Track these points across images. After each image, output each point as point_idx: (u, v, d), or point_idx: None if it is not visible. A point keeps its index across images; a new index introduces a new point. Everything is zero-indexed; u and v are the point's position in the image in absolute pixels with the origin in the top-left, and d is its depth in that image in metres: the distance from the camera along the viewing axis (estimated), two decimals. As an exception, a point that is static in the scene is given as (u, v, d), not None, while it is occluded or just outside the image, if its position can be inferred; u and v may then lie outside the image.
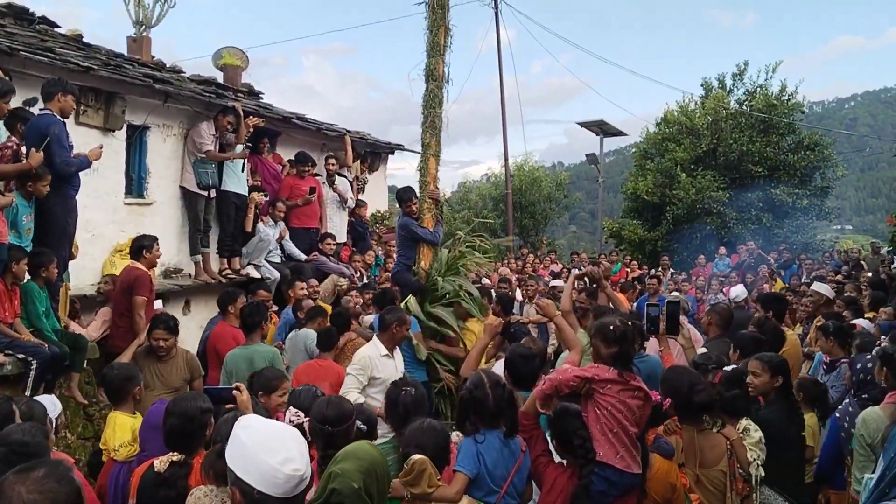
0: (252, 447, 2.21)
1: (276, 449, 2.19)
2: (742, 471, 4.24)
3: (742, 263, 18.05)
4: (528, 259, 18.25)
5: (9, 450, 3.01)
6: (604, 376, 3.86)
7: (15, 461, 2.96)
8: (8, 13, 9.43)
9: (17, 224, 6.66)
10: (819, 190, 27.27)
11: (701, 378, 4.46)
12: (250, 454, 2.20)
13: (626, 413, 3.84)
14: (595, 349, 4.09)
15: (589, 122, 28.34)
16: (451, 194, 31.53)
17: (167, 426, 4.05)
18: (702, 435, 4.27)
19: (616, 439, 3.80)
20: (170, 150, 10.23)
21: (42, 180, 6.70)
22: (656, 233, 26.70)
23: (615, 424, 3.81)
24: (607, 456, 3.76)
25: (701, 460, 4.21)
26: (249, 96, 13.07)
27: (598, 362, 4.02)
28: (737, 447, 4.25)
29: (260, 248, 10.85)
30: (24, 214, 6.71)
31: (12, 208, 6.58)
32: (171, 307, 9.58)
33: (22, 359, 6.21)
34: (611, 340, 3.97)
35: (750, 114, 27.07)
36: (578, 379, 3.86)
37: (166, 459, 3.93)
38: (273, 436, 2.25)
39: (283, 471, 2.16)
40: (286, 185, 11.64)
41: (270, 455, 2.18)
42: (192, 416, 4.00)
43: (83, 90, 8.37)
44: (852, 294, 9.94)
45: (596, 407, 3.85)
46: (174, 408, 4.08)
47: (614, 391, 3.86)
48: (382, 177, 16.81)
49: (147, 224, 9.61)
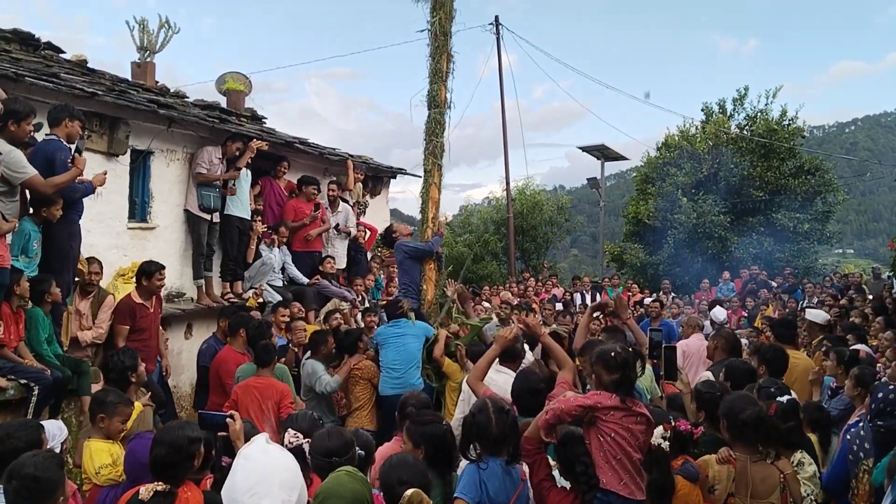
0: (240, 486, 2.23)
1: (260, 495, 2.23)
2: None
3: (749, 289, 18.03)
4: (529, 283, 18.26)
5: (20, 484, 2.97)
6: (606, 404, 3.86)
7: (27, 496, 2.95)
8: (13, 39, 9.50)
9: (28, 249, 6.70)
10: (820, 214, 27.28)
11: (753, 401, 4.43)
12: (236, 493, 2.22)
13: (629, 439, 3.83)
14: (597, 376, 4.08)
15: (590, 146, 28.43)
16: (454, 217, 31.55)
17: (153, 455, 3.91)
18: (755, 465, 4.22)
19: (619, 466, 3.79)
20: (173, 175, 10.26)
21: (55, 205, 6.75)
22: (658, 257, 26.68)
23: (618, 451, 3.81)
24: (610, 483, 3.76)
25: (752, 491, 4.16)
26: (252, 121, 13.13)
27: (600, 389, 4.02)
28: (790, 481, 4.20)
29: (262, 271, 10.85)
30: (34, 240, 6.76)
31: (24, 234, 6.62)
32: (174, 331, 9.59)
33: (24, 384, 6.22)
34: (612, 367, 3.97)
35: (751, 138, 27.13)
36: (581, 408, 3.86)
37: (151, 488, 3.85)
38: (264, 479, 2.27)
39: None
40: (290, 207, 11.66)
41: (252, 500, 2.23)
42: (180, 446, 3.85)
43: (87, 115, 8.42)
44: (856, 320, 9.94)
45: (599, 434, 3.84)
46: (162, 437, 3.95)
47: (617, 417, 3.85)
48: (384, 201, 16.84)
49: (150, 248, 9.63)
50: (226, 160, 10.45)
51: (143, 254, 9.33)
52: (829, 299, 13.99)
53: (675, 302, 16.13)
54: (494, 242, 28.13)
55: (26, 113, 6.56)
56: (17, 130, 6.38)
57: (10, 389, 6.12)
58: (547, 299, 16.05)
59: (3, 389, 6.07)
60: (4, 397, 6.10)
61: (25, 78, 7.43)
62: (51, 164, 6.73)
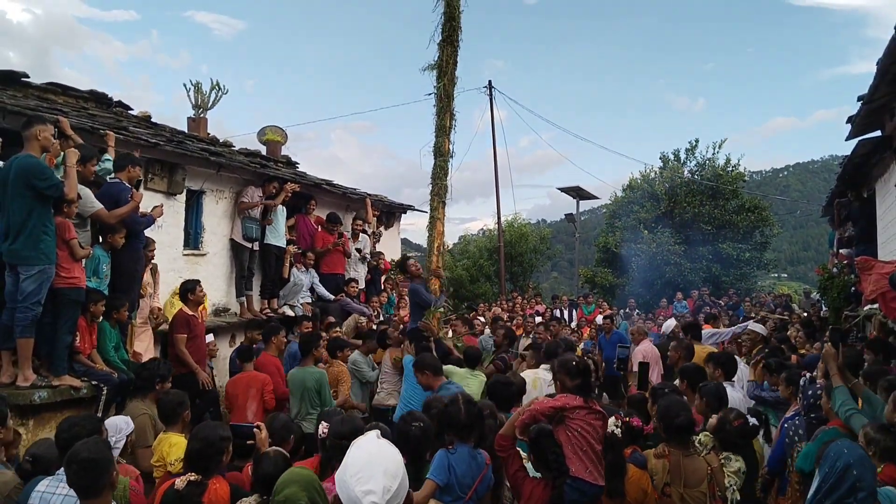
0: (349, 469, 2.17)
1: (365, 479, 2.13)
2: (720, 493, 4.20)
3: (698, 306, 18.05)
4: (517, 301, 18.23)
5: (79, 466, 2.98)
6: (572, 404, 3.90)
7: (85, 476, 2.96)
8: (90, 98, 9.61)
9: (99, 271, 6.73)
10: (759, 244, 27.34)
11: (686, 406, 4.41)
12: (346, 476, 2.15)
13: (592, 433, 3.87)
14: (561, 382, 4.14)
15: (567, 187, 28.44)
16: (453, 245, 31.58)
17: (189, 449, 3.91)
18: (687, 459, 4.20)
19: (585, 456, 3.82)
20: (221, 211, 10.31)
21: (119, 233, 6.79)
22: (624, 279, 26.74)
23: (584, 443, 3.83)
24: (578, 471, 3.78)
25: (685, 481, 4.14)
26: (287, 166, 13.19)
27: (563, 392, 4.04)
28: (716, 473, 4.18)
29: (294, 290, 10.88)
30: (104, 263, 6.79)
31: (95, 258, 6.66)
32: (220, 340, 9.59)
33: (95, 384, 6.22)
34: (574, 374, 4.05)
35: (700, 182, 27.24)
36: (553, 409, 3.90)
37: (185, 479, 3.84)
38: (369, 464, 2.17)
39: (362, 501, 2.10)
40: (318, 238, 11.71)
41: (359, 483, 2.12)
42: (213, 442, 3.84)
43: (151, 161, 8.50)
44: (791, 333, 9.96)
45: (567, 430, 3.87)
46: (197, 433, 3.93)
47: (582, 415, 3.89)
48: (396, 232, 16.87)
49: (201, 272, 9.64)
50: (265, 198, 10.50)
51: (195, 276, 9.31)
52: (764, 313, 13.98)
53: (630, 320, 16.25)
54: (488, 266, 28.10)
55: (90, 156, 6.63)
56: (84, 171, 6.43)
57: (83, 389, 6.13)
58: (531, 315, 16.03)
59: (78, 389, 6.08)
60: (79, 395, 6.10)
61: (100, 131, 7.49)
62: (115, 201, 6.78)
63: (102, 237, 6.82)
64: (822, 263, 13.45)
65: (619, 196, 30.16)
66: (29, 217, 5.57)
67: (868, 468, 3.06)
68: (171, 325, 7.49)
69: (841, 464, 3.05)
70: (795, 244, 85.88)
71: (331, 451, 3.83)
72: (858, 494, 2.99)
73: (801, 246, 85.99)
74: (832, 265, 11.95)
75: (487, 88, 24.51)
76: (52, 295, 5.86)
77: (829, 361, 4.73)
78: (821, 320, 11.65)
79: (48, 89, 8.84)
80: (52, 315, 5.95)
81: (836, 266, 11.47)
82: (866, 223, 10.74)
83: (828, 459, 3.15)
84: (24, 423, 5.68)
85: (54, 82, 9.08)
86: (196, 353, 7.49)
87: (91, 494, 2.98)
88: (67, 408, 6.03)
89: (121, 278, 7.05)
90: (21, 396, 5.63)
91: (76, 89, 9.42)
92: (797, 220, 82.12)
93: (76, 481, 2.98)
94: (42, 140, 5.77)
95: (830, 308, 11.16)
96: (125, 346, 7.07)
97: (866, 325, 9.18)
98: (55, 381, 5.92)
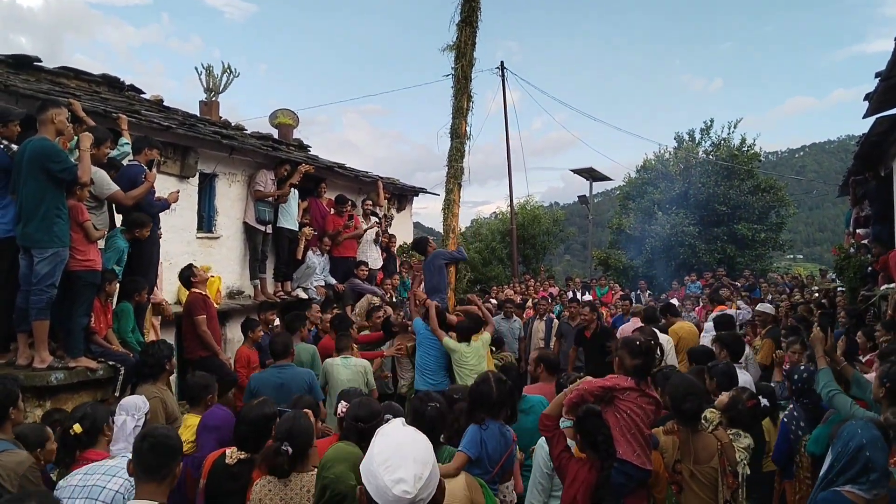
0: (377, 458, 2.05)
1: (394, 467, 2.01)
2: (731, 468, 4.19)
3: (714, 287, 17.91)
4: (529, 283, 18.20)
5: (156, 441, 2.95)
6: (623, 385, 3.82)
7: (160, 451, 2.94)
8: (102, 82, 9.62)
9: (122, 260, 6.79)
10: (774, 226, 27.12)
11: (696, 387, 4.31)
12: (373, 465, 2.03)
13: (642, 416, 3.77)
14: (620, 360, 4.03)
15: (581, 169, 28.29)
16: (465, 229, 31.51)
17: (238, 432, 4.00)
18: (696, 436, 4.18)
19: (633, 439, 3.74)
20: (234, 194, 10.33)
21: (146, 227, 6.84)
22: (637, 261, 26.60)
23: (633, 426, 3.75)
24: (626, 454, 3.71)
25: (695, 458, 4.13)
26: (299, 149, 13.18)
27: (620, 372, 3.97)
28: (726, 448, 4.17)
29: (307, 273, 10.90)
30: (126, 253, 6.85)
31: (119, 250, 6.76)
32: (234, 323, 9.64)
33: (112, 365, 6.26)
34: (636, 353, 3.91)
35: (715, 162, 27.01)
36: (602, 388, 3.83)
37: (236, 455, 3.90)
38: (398, 453, 2.05)
39: (392, 491, 1.98)
40: (329, 221, 11.70)
41: (388, 472, 2.00)
42: (260, 424, 3.96)
43: (163, 145, 8.50)
44: (803, 313, 9.91)
45: (616, 412, 3.80)
46: (245, 416, 4.03)
47: (633, 398, 3.80)
48: (409, 215, 16.86)
49: (215, 255, 9.69)
50: (277, 181, 10.51)
51: (209, 259, 9.39)
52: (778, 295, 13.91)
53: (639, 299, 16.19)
54: (500, 249, 28.03)
55: (104, 139, 6.64)
56: (97, 153, 6.45)
57: (99, 370, 6.17)
58: (543, 297, 15.98)
59: (94, 370, 6.12)
60: (96, 376, 6.14)
61: (113, 114, 7.51)
62: (133, 183, 6.81)
63: (128, 229, 6.84)
64: (839, 244, 13.32)
65: (632, 177, 30.01)
66: (42, 200, 5.59)
67: (881, 449, 3.07)
68: (187, 307, 7.47)
69: (854, 444, 3.05)
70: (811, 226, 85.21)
71: (347, 433, 3.85)
72: (871, 475, 3.02)
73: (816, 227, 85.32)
74: (848, 244, 11.84)
75: (500, 70, 24.35)
76: (67, 277, 5.89)
77: (816, 345, 4.76)
78: (834, 301, 11.56)
79: (60, 73, 8.86)
80: (68, 298, 5.99)
81: (853, 246, 11.37)
82: (883, 203, 10.60)
83: (841, 439, 3.15)
84: (41, 404, 5.73)
85: (66, 66, 9.09)
86: (215, 333, 7.55)
87: (156, 477, 2.90)
88: (84, 389, 6.09)
89: (138, 261, 7.08)
90: (38, 378, 5.67)
91: (88, 73, 9.43)
92: (813, 202, 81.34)
93: (146, 459, 2.91)
94: (57, 123, 5.78)
95: (847, 288, 11.07)
96: (141, 330, 7.11)
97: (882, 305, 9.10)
98: (72, 362, 5.96)
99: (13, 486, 3.53)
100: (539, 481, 4.13)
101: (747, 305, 12.32)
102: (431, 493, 2.05)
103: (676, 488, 4.12)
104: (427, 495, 2.03)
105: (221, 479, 3.87)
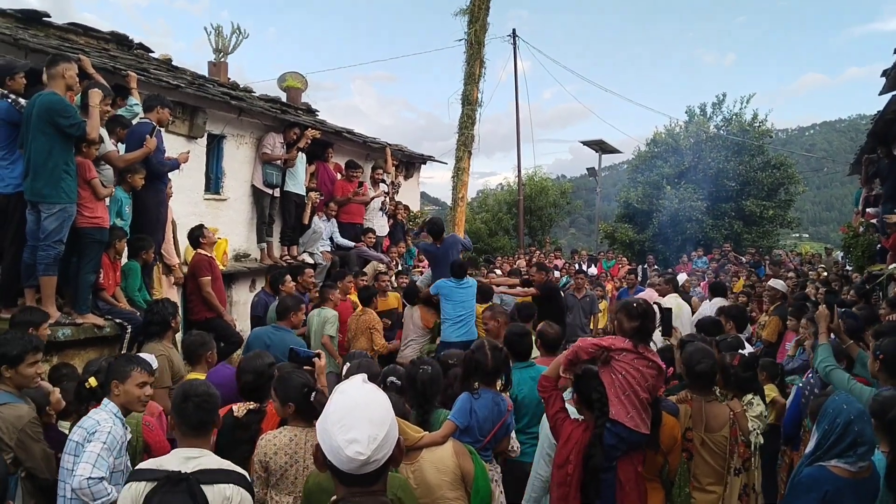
0: (332, 416, 1.97)
1: (348, 427, 1.94)
2: (743, 437, 4.20)
3: (721, 263, 17.88)
4: (535, 255, 18.20)
5: (200, 399, 2.96)
6: (619, 345, 3.78)
7: (205, 408, 2.96)
8: (111, 39, 9.52)
9: (122, 213, 6.75)
10: (782, 203, 27.00)
11: (708, 353, 4.35)
12: (327, 424, 1.97)
13: (639, 379, 3.72)
14: (619, 323, 3.98)
15: (590, 141, 28.11)
16: (472, 199, 31.46)
17: (242, 382, 4.04)
18: (709, 405, 4.19)
19: (627, 401, 3.69)
20: (242, 156, 10.28)
21: (138, 174, 6.78)
22: (644, 235, 26.53)
23: (627, 388, 3.71)
24: (619, 415, 3.67)
25: (707, 426, 4.14)
26: (307, 113, 13.09)
27: (619, 334, 3.97)
28: (739, 417, 4.19)
29: (313, 238, 10.88)
30: (125, 205, 6.81)
31: (117, 201, 6.67)
32: (239, 285, 9.66)
33: (119, 323, 6.28)
34: (634, 316, 3.85)
35: (726, 137, 26.83)
36: (596, 347, 3.80)
37: (244, 407, 3.94)
38: (353, 412, 1.97)
39: (345, 451, 1.91)
40: (338, 186, 11.66)
41: (342, 431, 1.93)
42: (262, 371, 4.02)
43: (172, 104, 8.43)
44: (810, 291, 9.90)
45: (612, 372, 3.76)
46: (246, 366, 4.09)
47: (629, 359, 3.74)
48: (416, 183, 16.79)
49: (222, 217, 9.67)
50: (286, 144, 10.46)
51: (216, 221, 9.36)
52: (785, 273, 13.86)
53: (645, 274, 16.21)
54: (507, 220, 28.04)
55: (106, 96, 6.57)
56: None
57: (106, 328, 6.20)
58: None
59: (101, 327, 6.15)
60: (103, 334, 6.17)
61: (121, 71, 7.44)
62: (143, 142, 6.77)
63: (122, 178, 6.80)
64: (848, 222, 13.26)
65: (642, 151, 29.79)
66: (50, 155, 5.56)
67: (867, 422, 3.14)
68: (193, 269, 7.48)
69: (842, 419, 3.11)
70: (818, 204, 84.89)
71: None
72: (858, 449, 3.09)
73: (823, 206, 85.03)
74: (857, 223, 11.77)
75: (511, 37, 24.09)
76: (74, 234, 5.88)
77: (820, 321, 4.90)
78: (843, 279, 11.52)
79: (69, 29, 8.77)
80: (76, 254, 5.99)
81: (862, 224, 11.30)
82: (895, 181, 10.49)
83: (826, 416, 3.20)
84: (48, 359, 5.75)
85: (75, 22, 9.00)
86: (220, 294, 7.56)
87: (203, 433, 2.94)
88: (91, 346, 6.12)
89: (145, 220, 7.07)
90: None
91: (97, 30, 9.33)
92: (821, 181, 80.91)
93: (194, 417, 2.92)
94: (67, 79, 5.73)
95: (854, 267, 11.03)
96: (148, 289, 7.12)
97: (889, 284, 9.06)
98: (79, 318, 5.99)
99: (11, 439, 3.56)
100: (547, 452, 4.14)
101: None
102: (387, 454, 1.99)
103: (686, 455, 4.14)
104: (382, 456, 1.96)
105: (232, 431, 3.89)
